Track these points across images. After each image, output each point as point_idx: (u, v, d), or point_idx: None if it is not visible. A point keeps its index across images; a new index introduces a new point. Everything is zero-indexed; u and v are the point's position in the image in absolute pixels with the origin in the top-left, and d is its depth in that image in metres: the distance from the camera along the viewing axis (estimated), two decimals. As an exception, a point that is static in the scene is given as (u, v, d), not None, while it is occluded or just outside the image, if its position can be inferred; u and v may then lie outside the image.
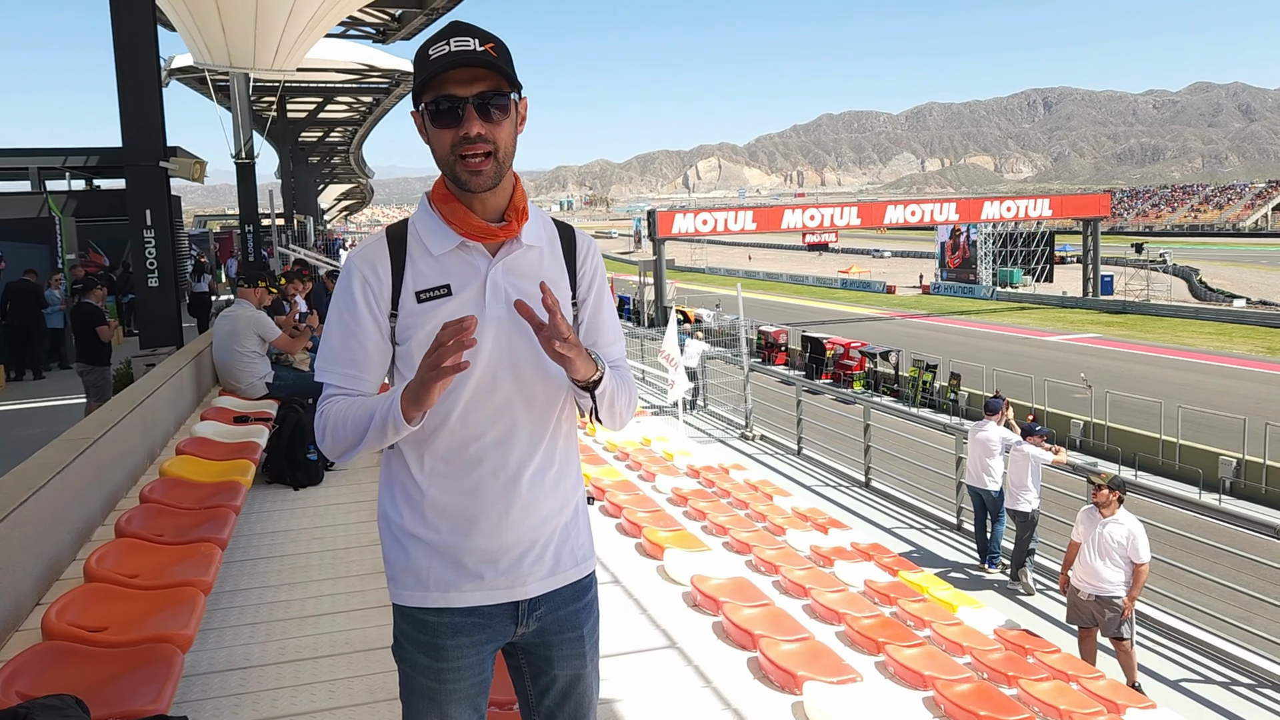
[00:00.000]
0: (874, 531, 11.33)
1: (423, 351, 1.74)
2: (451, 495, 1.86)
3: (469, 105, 1.75)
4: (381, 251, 1.87)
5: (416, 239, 1.87)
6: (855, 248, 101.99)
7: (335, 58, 36.29)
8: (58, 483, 3.97)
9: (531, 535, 1.90)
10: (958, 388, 26.36)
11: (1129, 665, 7.70)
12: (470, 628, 1.89)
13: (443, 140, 1.78)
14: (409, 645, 1.91)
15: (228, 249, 32.43)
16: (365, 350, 1.87)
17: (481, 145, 1.76)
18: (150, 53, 10.92)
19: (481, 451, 1.85)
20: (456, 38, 1.75)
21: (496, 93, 1.77)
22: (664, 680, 4.33)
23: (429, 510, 1.86)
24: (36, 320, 14.41)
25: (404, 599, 1.90)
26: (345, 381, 1.87)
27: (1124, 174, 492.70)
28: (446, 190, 1.86)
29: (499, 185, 1.83)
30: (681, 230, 48.08)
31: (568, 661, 2.01)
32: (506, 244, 1.87)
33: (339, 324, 1.88)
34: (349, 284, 1.87)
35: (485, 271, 1.85)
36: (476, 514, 1.86)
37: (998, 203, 53.21)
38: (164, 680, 2.78)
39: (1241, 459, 18.31)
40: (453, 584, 1.87)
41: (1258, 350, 35.61)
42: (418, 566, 1.87)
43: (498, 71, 1.76)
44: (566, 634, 2.00)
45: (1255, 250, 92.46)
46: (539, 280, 1.80)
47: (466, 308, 1.81)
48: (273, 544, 5.46)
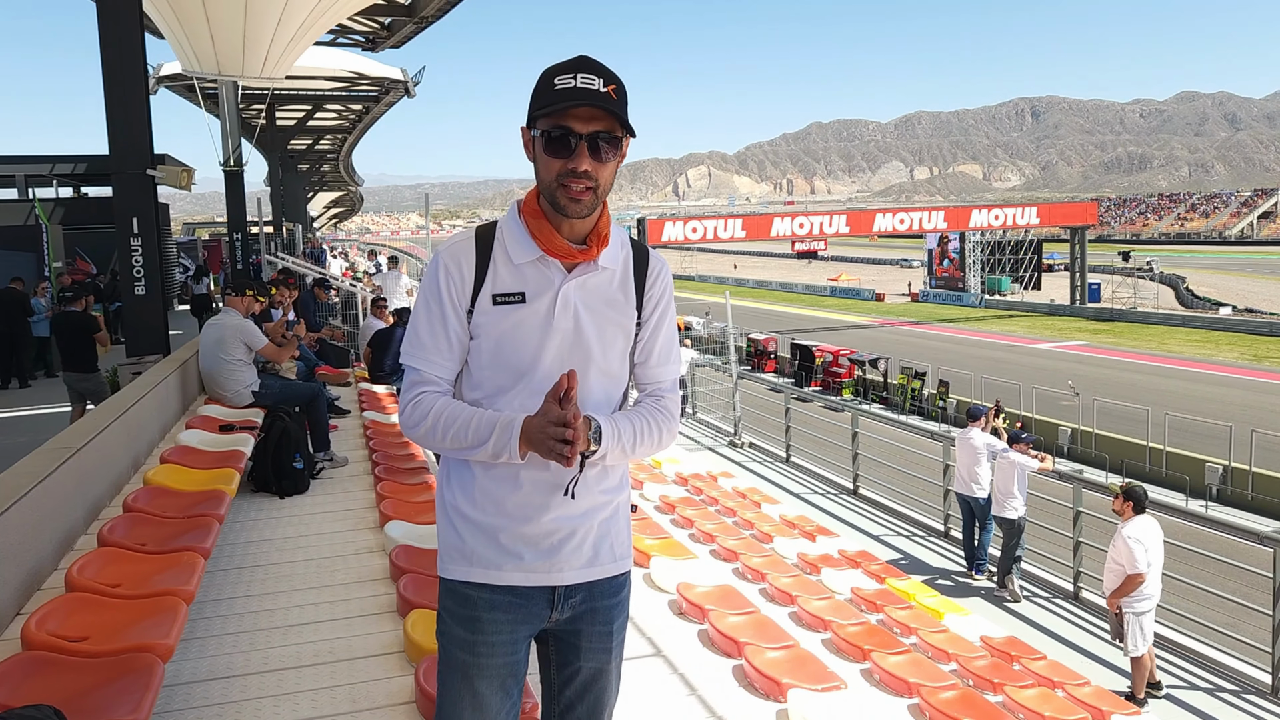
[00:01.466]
0: (862, 539, 11.35)
1: (489, 349, 1.97)
2: (500, 483, 1.97)
3: (583, 142, 1.86)
4: (469, 250, 1.98)
5: (501, 244, 1.98)
6: (847, 255, 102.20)
7: (325, 66, 36.21)
8: (39, 492, 3.95)
9: (571, 525, 2.01)
10: (946, 395, 26.44)
11: (1135, 675, 7.68)
12: (507, 605, 1.99)
13: (551, 166, 1.89)
14: (449, 619, 2.03)
15: (216, 257, 32.34)
16: (449, 340, 1.99)
17: (586, 180, 1.88)
18: (137, 61, 10.89)
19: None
20: (584, 74, 1.85)
21: (610, 135, 1.88)
22: (649, 688, 4.33)
23: (479, 494, 1.99)
24: (22, 328, 14.34)
25: (450, 572, 2.02)
26: (430, 368, 1.99)
27: (1111, 182, 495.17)
28: (538, 206, 1.97)
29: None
30: (671, 238, 48.09)
31: (594, 654, 2.09)
32: (583, 264, 1.98)
33: (425, 313, 2.00)
34: (435, 277, 1.99)
35: (559, 285, 1.96)
36: (521, 501, 1.97)
37: (986, 211, 53.33)
38: (144, 690, 2.77)
39: (1228, 466, 18.40)
40: (494, 563, 1.98)
41: (1244, 357, 35.80)
42: (465, 543, 2.00)
43: (615, 115, 1.87)
44: (598, 627, 2.08)
45: (1241, 258, 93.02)
46: (610, 301, 2.01)
47: (537, 316, 1.95)
48: (257, 553, 5.43)
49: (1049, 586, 10.22)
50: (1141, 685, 7.69)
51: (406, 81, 36.02)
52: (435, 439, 1.95)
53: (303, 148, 56.82)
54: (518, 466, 1.96)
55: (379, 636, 4.14)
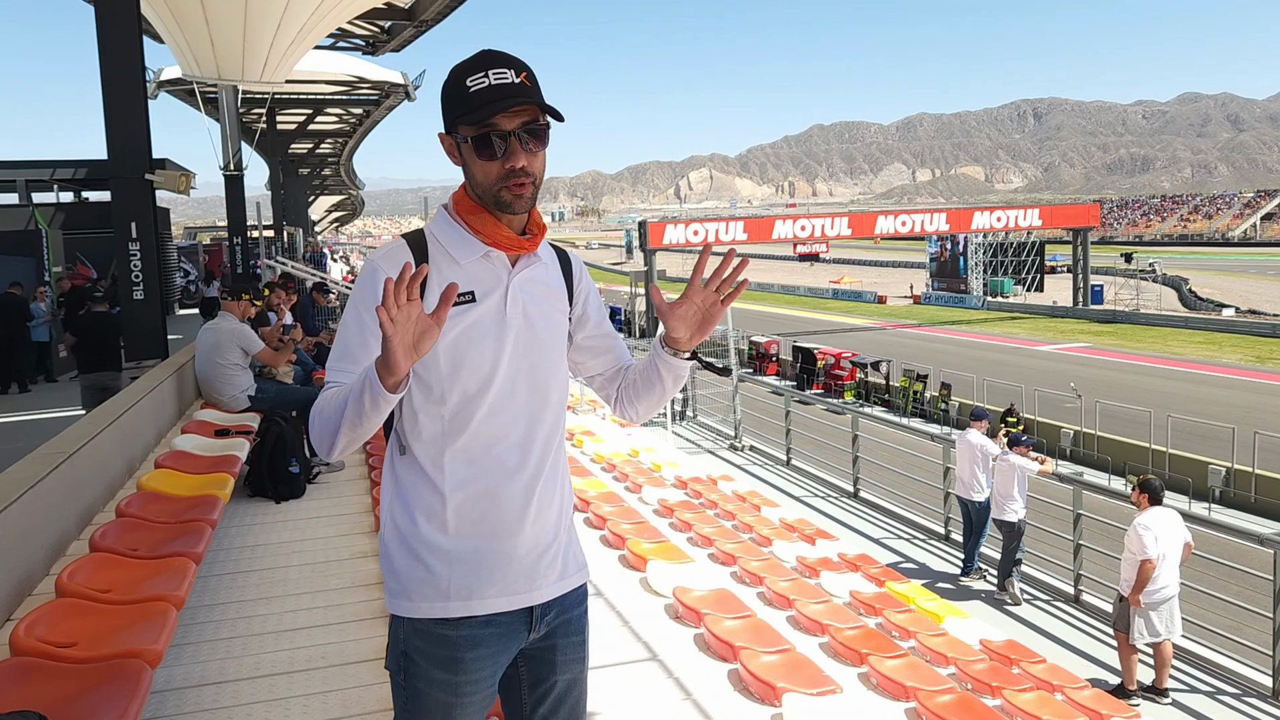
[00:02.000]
0: (862, 542, 11.33)
1: (447, 356, 1.88)
2: (475, 499, 1.89)
3: (513, 139, 1.84)
4: (406, 255, 1.91)
5: (440, 247, 1.93)
6: (849, 258, 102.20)
7: (325, 70, 36.24)
8: (30, 497, 3.94)
9: (546, 538, 1.97)
10: (948, 398, 26.41)
11: (1124, 665, 7.76)
12: (489, 638, 1.92)
13: (489, 170, 1.86)
14: (423, 661, 1.91)
15: (217, 261, 32.37)
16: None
17: (525, 175, 1.86)
18: (136, 65, 10.90)
19: (504, 454, 1.91)
20: (494, 70, 1.82)
21: (535, 124, 1.86)
22: (644, 692, 4.30)
23: (452, 517, 1.88)
24: (21, 333, 14.35)
25: (423, 612, 1.89)
26: (345, 381, 1.84)
27: (1114, 184, 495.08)
28: (473, 203, 1.93)
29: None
30: (673, 241, 48.16)
31: (569, 665, 2.06)
32: (524, 256, 1.96)
33: (357, 324, 1.90)
34: (372, 284, 1.87)
35: (507, 281, 1.93)
36: (500, 516, 1.90)
37: (988, 213, 53.38)
38: (130, 697, 2.75)
39: (1231, 468, 18.37)
40: (475, 590, 1.89)
41: (1247, 359, 35.75)
42: (438, 577, 1.88)
43: (538, 103, 1.84)
44: (572, 638, 2.05)
45: (1244, 259, 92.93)
46: (550, 292, 2.00)
47: (490, 314, 1.90)
48: (252, 558, 5.42)
49: (1049, 589, 10.19)
50: (1129, 675, 7.85)
51: (407, 85, 36.05)
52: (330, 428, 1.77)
53: (303, 152, 56.88)
54: (493, 477, 1.89)
55: (372, 642, 4.12)
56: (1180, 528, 8.12)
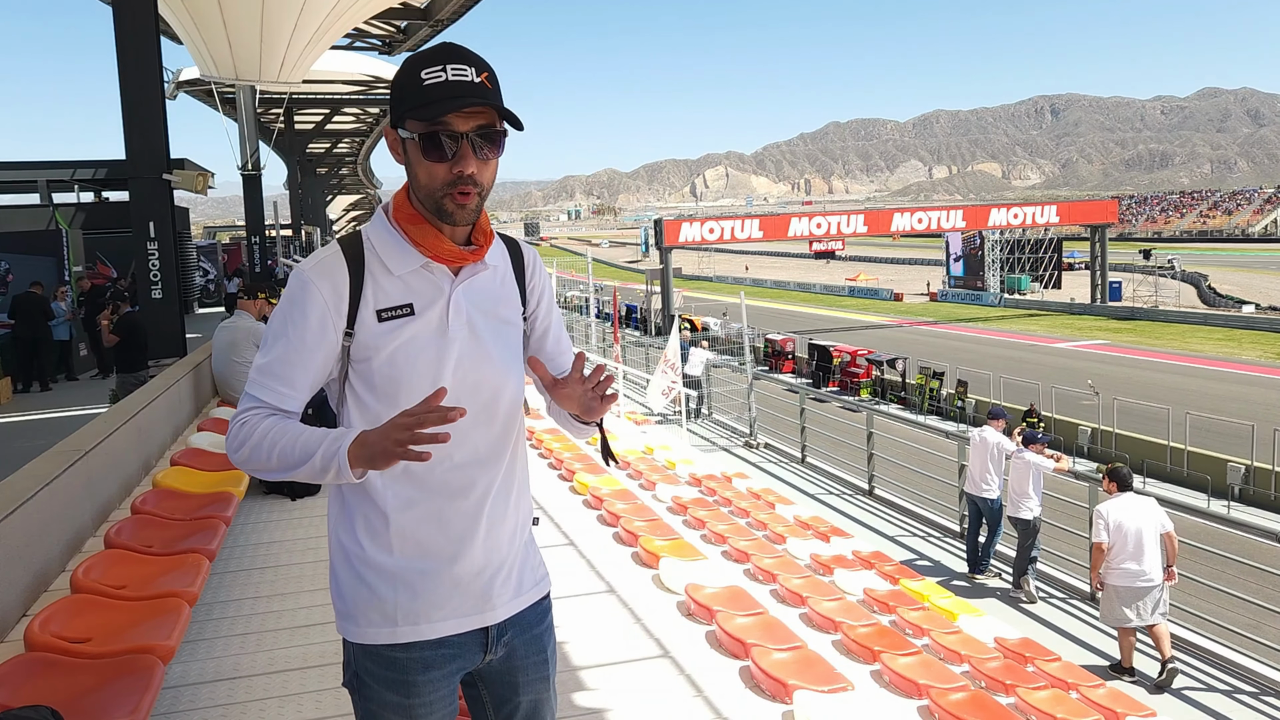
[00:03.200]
0: (876, 539, 11.30)
1: (384, 372, 1.76)
2: (419, 521, 1.79)
3: (465, 141, 1.70)
4: (339, 265, 1.77)
5: (375, 255, 1.79)
6: (865, 255, 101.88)
7: (342, 69, 36.49)
8: (46, 495, 3.98)
9: (499, 557, 1.87)
10: (964, 395, 26.27)
11: (1122, 647, 8.15)
12: (440, 660, 1.83)
13: (434, 173, 1.71)
14: (374, 684, 1.82)
15: (236, 260, 32.59)
16: (307, 371, 1.77)
17: (472, 183, 1.72)
18: (153, 66, 11.00)
19: (449, 475, 1.80)
20: (453, 65, 1.68)
21: (492, 129, 1.72)
22: (655, 689, 4.31)
23: (395, 539, 1.78)
24: (43, 332, 14.49)
25: (369, 637, 1.80)
26: (275, 399, 1.75)
27: (1132, 180, 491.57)
28: (414, 211, 1.79)
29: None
30: (688, 239, 48.11)
31: (533, 686, 1.97)
32: (470, 265, 1.83)
33: (283, 339, 1.76)
34: (302, 298, 1.75)
35: (449, 292, 1.80)
36: (446, 539, 1.80)
37: (1005, 209, 53.12)
38: (143, 691, 2.78)
39: (1250, 465, 18.20)
40: (422, 615, 1.80)
41: (1267, 356, 35.42)
42: (383, 601, 1.79)
43: (494, 107, 1.70)
44: (533, 658, 1.96)
45: (1265, 256, 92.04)
46: (499, 300, 1.87)
47: (430, 328, 1.78)
48: (267, 554, 5.46)
49: (1065, 587, 10.14)
50: (1127, 656, 8.13)
51: (423, 84, 36.17)
52: (261, 457, 1.68)
53: (321, 151, 57.21)
54: (438, 499, 1.79)
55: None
56: (1152, 515, 8.14)
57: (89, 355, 16.45)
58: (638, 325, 47.91)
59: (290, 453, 1.66)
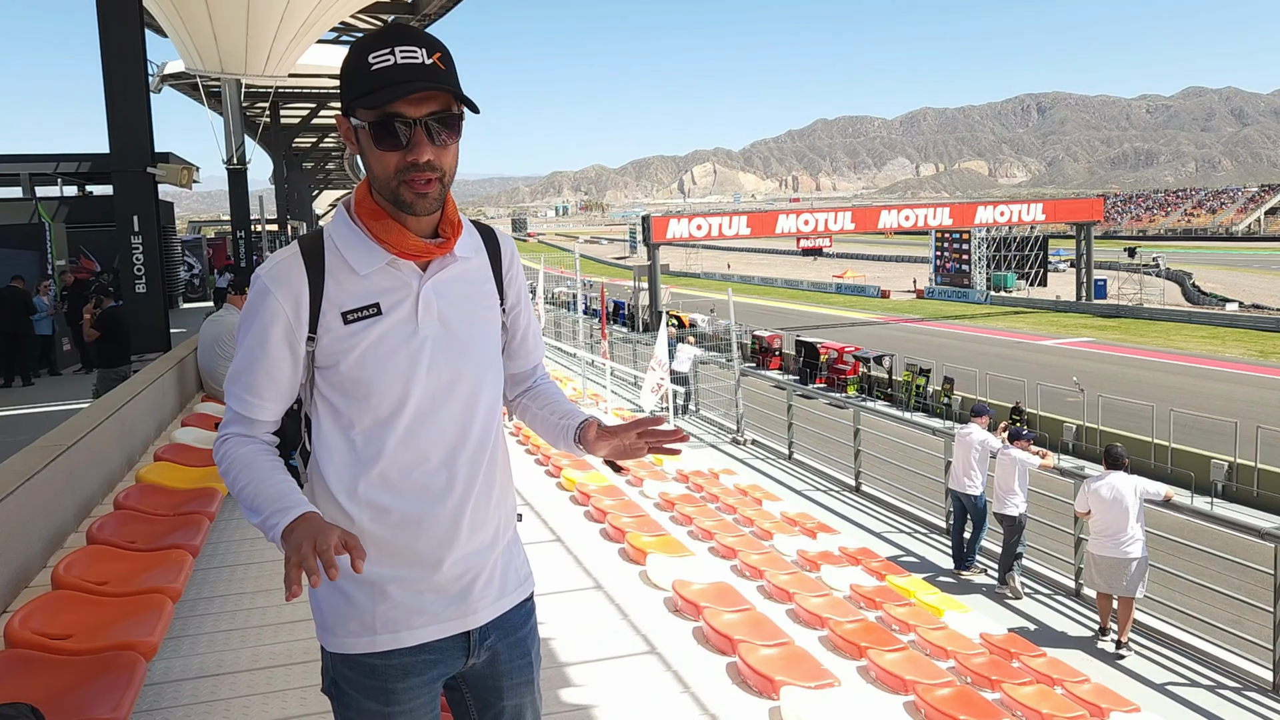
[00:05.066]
0: (863, 536, 11.31)
1: (353, 375, 1.69)
2: (394, 528, 1.73)
3: (418, 128, 1.61)
4: (297, 269, 1.69)
5: (338, 255, 1.70)
6: (853, 252, 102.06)
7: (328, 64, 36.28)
8: (27, 490, 3.94)
9: (480, 560, 1.81)
10: (951, 392, 26.38)
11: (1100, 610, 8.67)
12: (421, 666, 1.77)
13: (386, 162, 1.63)
14: (352, 692, 1.76)
15: (221, 255, 32.43)
16: (271, 379, 1.72)
17: (430, 171, 1.64)
18: (138, 60, 10.92)
19: (426, 478, 1.74)
20: (402, 47, 1.59)
21: (448, 114, 1.64)
22: (643, 686, 4.30)
23: (371, 548, 1.68)
24: (25, 327, 14.36)
25: (348, 647, 1.74)
26: (245, 409, 1.73)
27: (1117, 178, 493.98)
28: (375, 205, 1.70)
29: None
30: (676, 235, 48.09)
31: (517, 690, 1.92)
32: (438, 258, 1.74)
33: (244, 348, 1.72)
34: (260, 306, 1.69)
35: (417, 289, 1.72)
36: (426, 544, 1.74)
37: (991, 207, 53.35)
38: (125, 689, 2.76)
39: (1233, 463, 18.34)
40: (402, 622, 1.74)
41: (1250, 354, 35.67)
42: (361, 610, 1.73)
43: (450, 90, 1.61)
44: (517, 661, 1.91)
45: (1248, 254, 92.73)
46: (473, 293, 1.80)
47: (399, 327, 1.70)
48: (251, 550, 5.43)
49: (1050, 583, 10.17)
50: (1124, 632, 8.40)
51: (410, 79, 36.10)
52: (230, 485, 1.70)
53: (307, 146, 56.94)
54: (416, 503, 1.73)
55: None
56: (1130, 490, 8.47)
57: (72, 350, 16.33)
58: (625, 322, 47.90)
59: (245, 496, 1.66)
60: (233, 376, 1.75)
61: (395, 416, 1.71)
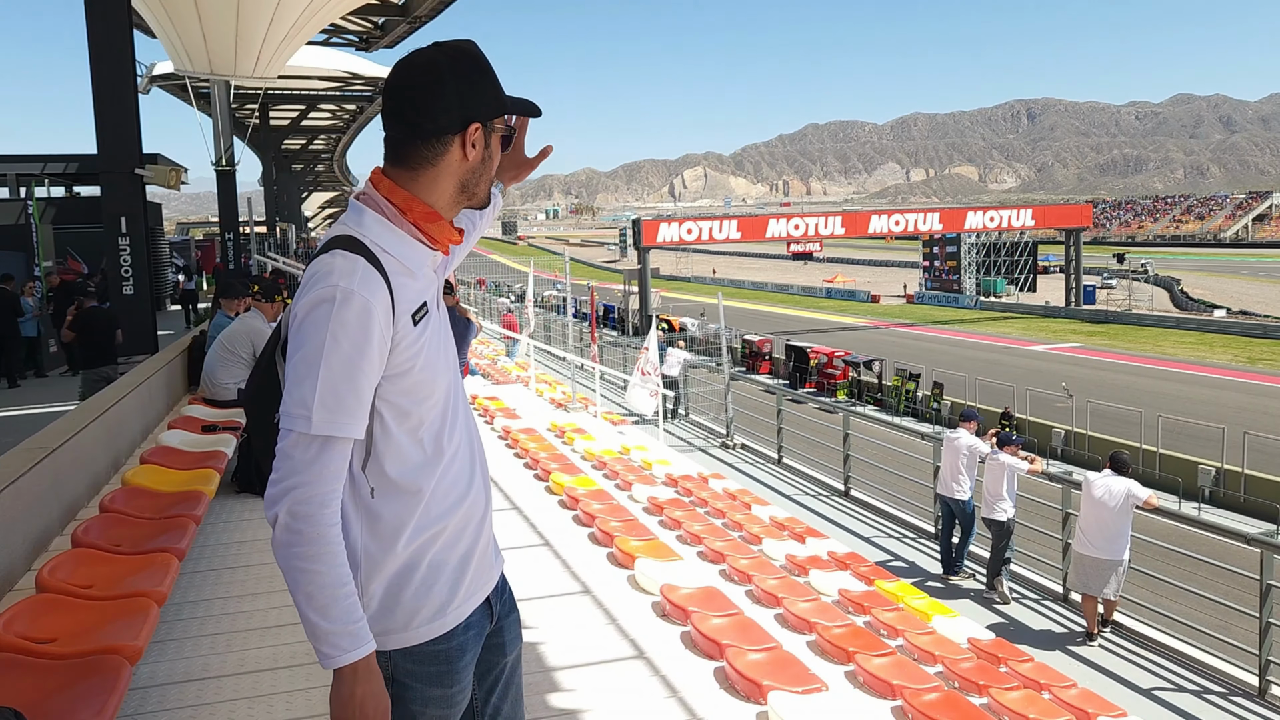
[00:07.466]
0: (852, 540, 11.31)
1: (424, 377, 1.71)
2: (467, 509, 1.82)
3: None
4: (375, 277, 1.64)
5: (395, 261, 1.70)
6: (843, 257, 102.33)
7: (318, 65, 36.22)
8: (11, 493, 3.91)
9: (490, 518, 1.94)
10: (940, 397, 26.45)
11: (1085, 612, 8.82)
12: (472, 641, 1.86)
13: (495, 161, 1.82)
14: (417, 684, 1.77)
15: (210, 257, 32.32)
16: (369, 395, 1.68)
17: None
18: (126, 60, 10.88)
19: (463, 458, 1.84)
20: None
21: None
22: (630, 690, 4.30)
23: (445, 531, 1.77)
24: (11, 329, 14.27)
25: (420, 636, 1.76)
26: (352, 430, 1.64)
27: (1106, 184, 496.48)
28: (428, 208, 1.74)
29: None
30: (666, 239, 48.21)
31: (514, 643, 2.03)
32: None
33: (347, 365, 1.60)
34: (365, 320, 1.61)
35: (439, 280, 1.86)
36: (474, 519, 1.84)
37: (981, 213, 53.55)
38: (109, 693, 2.74)
39: (1220, 468, 18.42)
40: (460, 595, 1.82)
41: (1238, 360, 35.87)
42: (434, 595, 1.77)
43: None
44: (513, 614, 2.03)
45: (1236, 261, 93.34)
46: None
47: (436, 321, 1.79)
48: (238, 554, 5.41)
49: (1038, 589, 10.20)
50: (1093, 624, 8.78)
51: (401, 82, 36.02)
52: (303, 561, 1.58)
53: (297, 148, 56.83)
54: (465, 478, 1.81)
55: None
56: (1121, 494, 8.63)
57: (58, 352, 16.24)
58: (615, 325, 47.90)
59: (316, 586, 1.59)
60: (327, 404, 1.59)
61: (446, 406, 1.81)
